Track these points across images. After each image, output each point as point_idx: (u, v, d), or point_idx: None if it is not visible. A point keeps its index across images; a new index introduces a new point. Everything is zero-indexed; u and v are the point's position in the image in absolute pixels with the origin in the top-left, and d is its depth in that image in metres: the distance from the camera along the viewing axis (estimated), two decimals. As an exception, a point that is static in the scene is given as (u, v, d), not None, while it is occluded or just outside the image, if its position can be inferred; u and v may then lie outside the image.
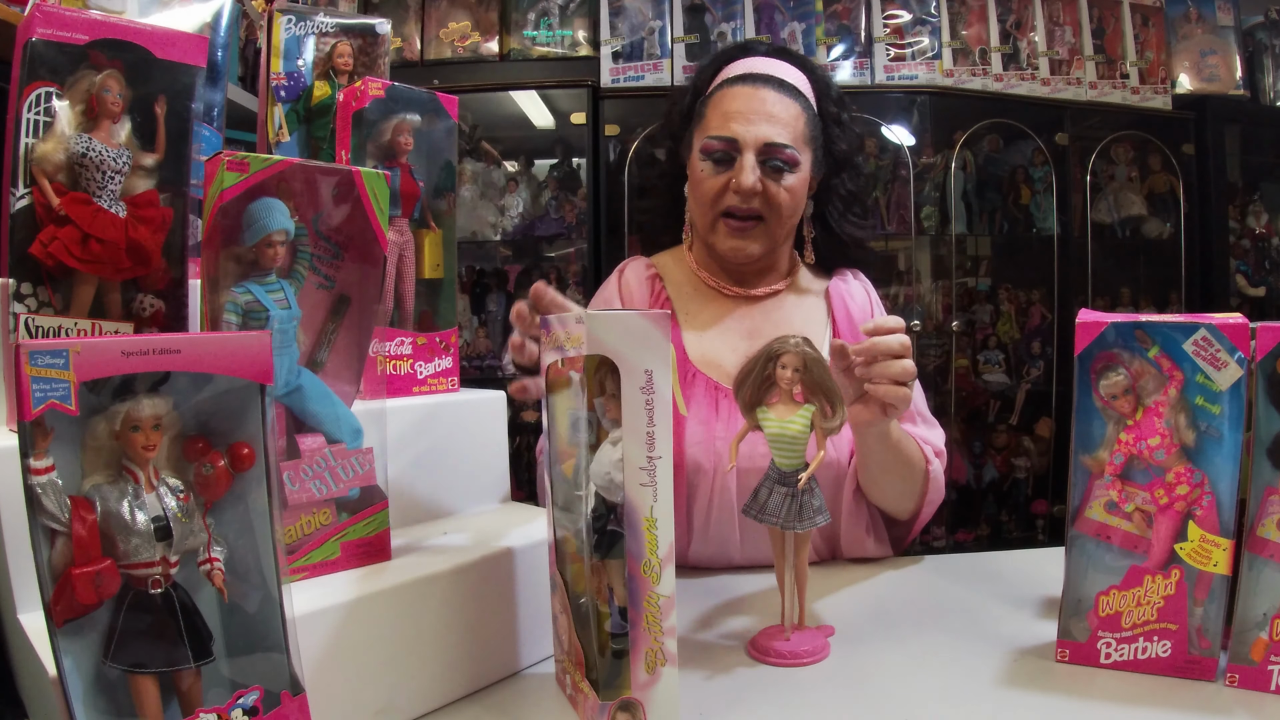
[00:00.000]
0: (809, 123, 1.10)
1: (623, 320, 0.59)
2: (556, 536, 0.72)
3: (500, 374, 2.53)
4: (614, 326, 0.59)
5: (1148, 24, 2.71)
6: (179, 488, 0.53)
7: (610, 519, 0.65)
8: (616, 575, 0.65)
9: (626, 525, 0.61)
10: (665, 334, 0.60)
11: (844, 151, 1.16)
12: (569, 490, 0.69)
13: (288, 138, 1.01)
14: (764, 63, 1.12)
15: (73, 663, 0.49)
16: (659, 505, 0.61)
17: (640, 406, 0.60)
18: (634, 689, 0.62)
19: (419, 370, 0.88)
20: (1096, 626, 0.74)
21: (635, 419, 0.60)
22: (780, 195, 1.06)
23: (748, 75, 1.10)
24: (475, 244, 2.59)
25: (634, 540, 0.61)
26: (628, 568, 0.61)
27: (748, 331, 1.13)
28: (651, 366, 0.60)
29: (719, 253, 1.11)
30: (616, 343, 0.59)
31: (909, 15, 2.57)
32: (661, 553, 0.61)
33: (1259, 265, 2.77)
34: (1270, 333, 0.69)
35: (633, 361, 0.59)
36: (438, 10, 2.65)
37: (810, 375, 0.75)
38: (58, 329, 0.68)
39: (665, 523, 0.61)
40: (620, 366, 0.59)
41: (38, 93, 0.67)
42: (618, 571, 0.64)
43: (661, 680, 0.62)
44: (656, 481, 0.60)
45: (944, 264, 2.57)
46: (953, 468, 2.51)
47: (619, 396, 0.60)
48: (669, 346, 0.61)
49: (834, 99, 1.16)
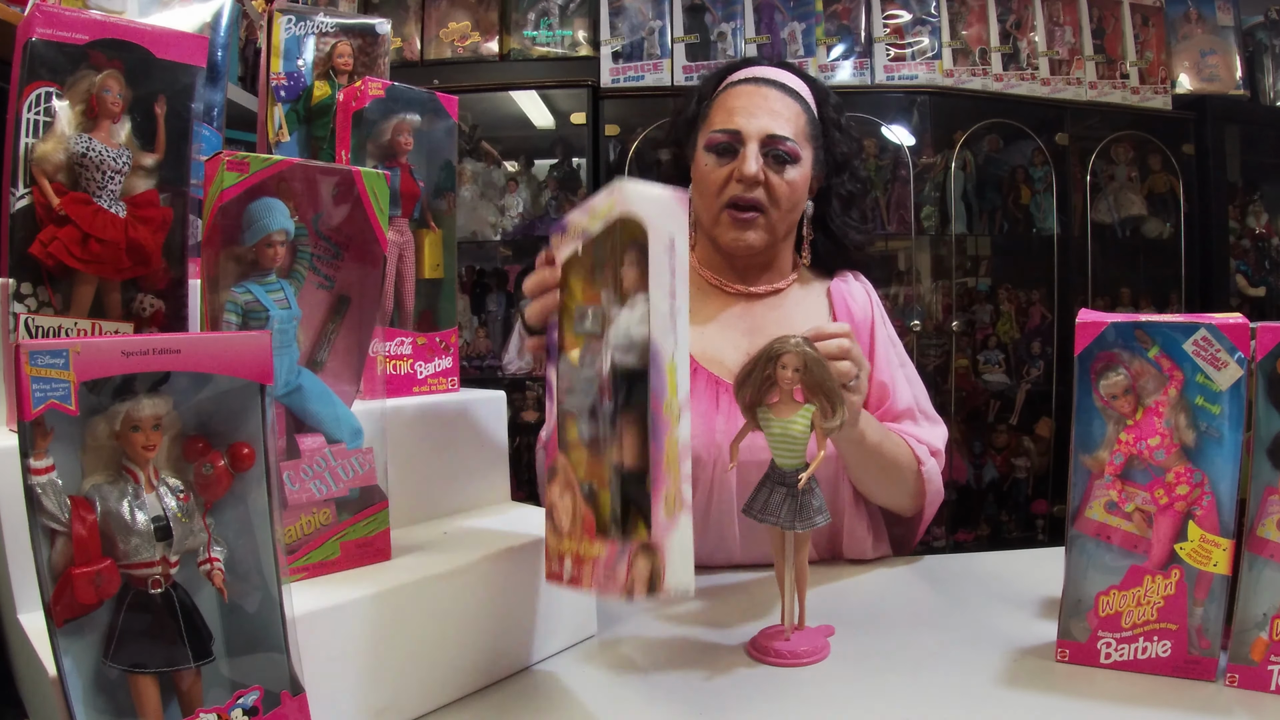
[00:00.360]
0: (809, 122, 1.13)
1: (651, 189, 0.66)
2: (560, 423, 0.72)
3: (500, 374, 2.53)
4: (645, 194, 0.65)
5: (1148, 24, 2.71)
6: (179, 488, 0.53)
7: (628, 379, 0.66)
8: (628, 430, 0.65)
9: (652, 366, 0.63)
10: (685, 209, 0.67)
11: (844, 154, 1.18)
12: (574, 374, 0.71)
13: (288, 138, 1.01)
14: (766, 69, 1.16)
15: (73, 663, 0.49)
16: (679, 352, 0.65)
17: (665, 264, 0.65)
18: (654, 531, 0.61)
19: (419, 370, 0.88)
20: (1096, 626, 0.74)
21: (660, 273, 0.64)
22: (781, 186, 1.08)
23: (751, 78, 1.14)
24: (475, 244, 2.59)
25: (657, 378, 0.63)
26: (650, 407, 0.63)
27: (749, 329, 1.14)
28: (674, 234, 0.65)
29: (722, 245, 1.12)
30: (645, 208, 0.64)
31: (909, 15, 2.57)
32: (680, 396, 0.64)
33: (1259, 265, 2.77)
34: (1270, 333, 0.69)
35: (659, 226, 0.64)
36: (438, 10, 2.65)
37: (811, 375, 0.75)
38: (58, 329, 0.68)
39: (683, 371, 0.65)
40: (649, 228, 0.64)
41: (38, 93, 0.67)
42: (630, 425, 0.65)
43: (679, 526, 0.62)
44: (677, 329, 0.65)
45: (944, 264, 2.57)
46: (953, 468, 2.51)
47: (638, 266, 0.64)
48: (687, 222, 0.66)
49: (833, 105, 1.20)
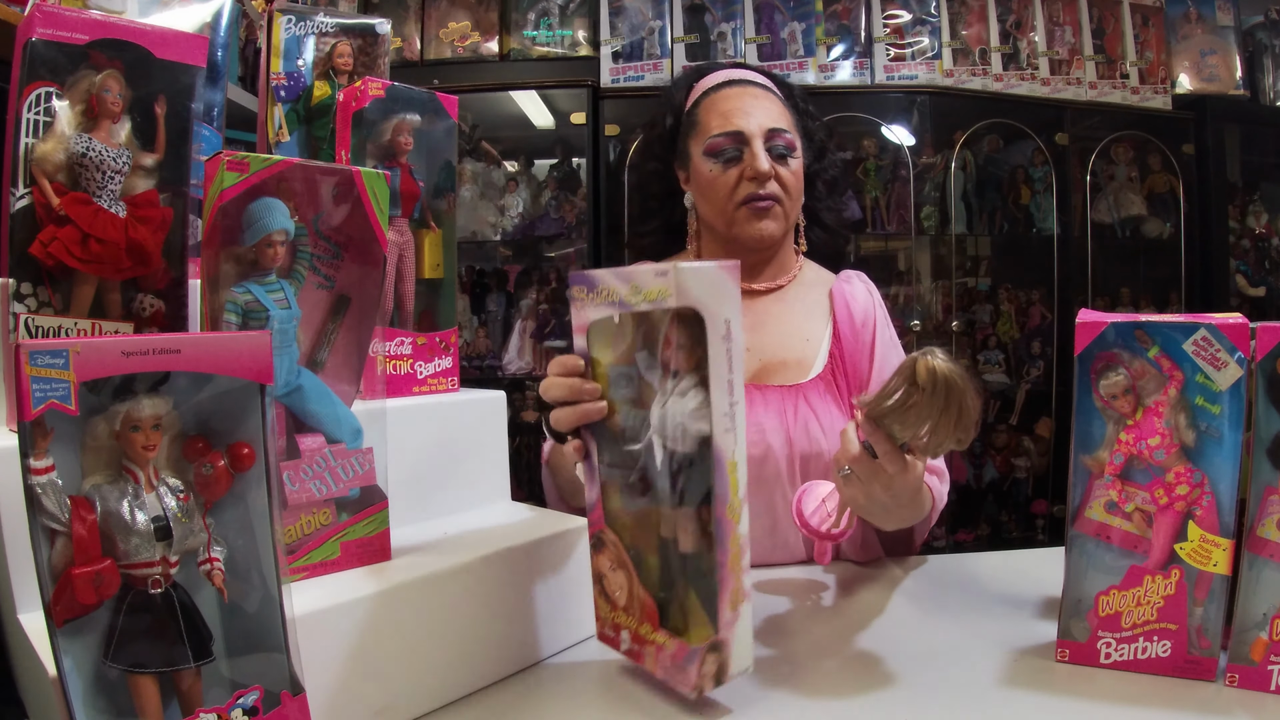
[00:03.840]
0: (793, 113, 1.16)
1: (707, 272, 0.61)
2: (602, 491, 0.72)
3: (500, 374, 2.53)
4: (700, 278, 0.61)
5: (1148, 24, 2.71)
6: (179, 488, 0.53)
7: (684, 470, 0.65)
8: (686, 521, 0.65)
9: (715, 470, 0.62)
10: (737, 285, 0.63)
11: (821, 141, 1.22)
12: (615, 446, 0.70)
13: (288, 138, 1.01)
14: (737, 71, 1.19)
15: (73, 663, 0.49)
16: (739, 449, 0.63)
17: (723, 355, 0.61)
18: (720, 629, 0.63)
19: (419, 370, 0.88)
20: (1096, 626, 0.74)
21: (719, 367, 0.61)
22: (789, 178, 1.11)
23: (728, 81, 1.16)
24: (475, 244, 2.59)
25: (720, 484, 0.62)
26: (715, 511, 0.62)
27: (751, 324, 1.14)
28: (729, 316, 0.62)
29: (744, 238, 1.12)
30: (702, 293, 0.61)
31: (909, 15, 2.57)
32: (741, 494, 0.63)
33: (1259, 265, 2.77)
34: (1270, 333, 0.69)
35: (714, 311, 0.61)
36: (438, 10, 2.65)
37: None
38: (58, 329, 0.68)
39: (743, 466, 0.64)
40: (706, 317, 0.61)
41: (38, 93, 0.67)
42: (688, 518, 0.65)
43: (741, 617, 0.64)
44: (736, 426, 0.63)
45: (944, 264, 2.57)
46: (953, 468, 2.50)
47: (687, 347, 0.62)
48: (739, 298, 0.63)
49: (799, 95, 1.23)
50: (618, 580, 0.71)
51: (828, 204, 1.24)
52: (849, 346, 1.13)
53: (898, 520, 0.91)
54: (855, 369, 1.12)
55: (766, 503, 1.06)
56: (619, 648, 0.73)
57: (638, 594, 0.69)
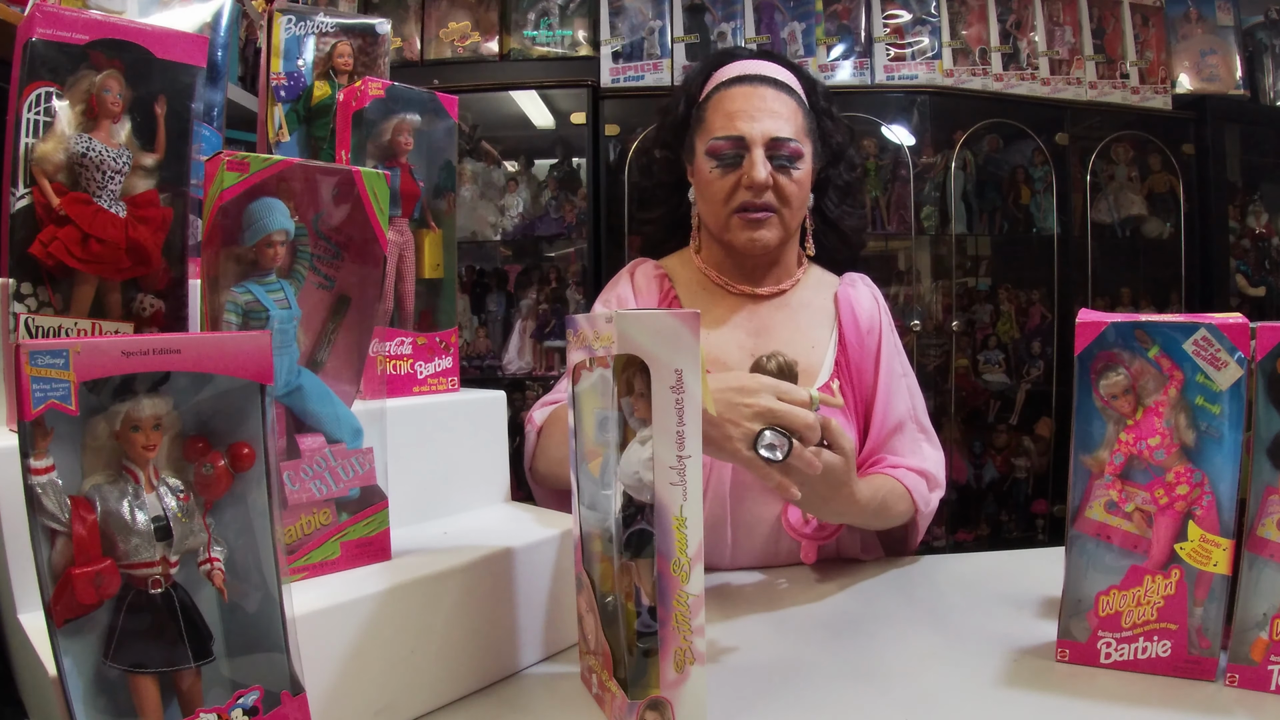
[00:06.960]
0: (806, 116, 1.12)
1: (654, 319, 0.59)
2: (583, 534, 0.72)
3: (500, 374, 2.53)
4: (645, 326, 0.59)
5: (1148, 24, 2.71)
6: (179, 488, 0.53)
7: (639, 518, 0.64)
8: (645, 574, 0.65)
9: (656, 524, 0.60)
10: (695, 334, 0.60)
11: (839, 143, 1.19)
12: (595, 489, 0.69)
13: (288, 138, 1.01)
14: (755, 64, 1.14)
15: (73, 663, 0.49)
16: (689, 504, 0.60)
17: (670, 406, 0.59)
18: (663, 688, 0.62)
19: (419, 370, 0.88)
20: (1096, 626, 0.74)
21: (665, 418, 0.59)
22: (790, 188, 1.08)
23: (743, 76, 1.11)
24: (475, 244, 2.59)
25: (664, 539, 0.61)
26: (657, 567, 0.61)
27: (755, 329, 1.14)
28: (682, 366, 0.59)
29: (737, 246, 1.11)
30: (647, 342, 0.59)
31: (909, 15, 2.57)
32: (691, 551, 0.61)
33: (1259, 265, 2.77)
34: (1270, 333, 0.69)
35: (663, 361, 0.59)
36: (438, 10, 2.65)
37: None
38: (58, 329, 0.68)
39: (695, 522, 0.61)
40: (650, 365, 0.59)
41: (38, 93, 0.66)
42: (646, 570, 0.64)
43: (690, 679, 0.62)
44: (686, 481, 0.60)
45: (944, 264, 2.57)
46: (953, 468, 2.51)
47: (648, 395, 0.60)
48: (699, 346, 0.60)
49: (822, 94, 1.19)
50: (589, 624, 0.71)
51: (842, 209, 1.20)
52: (854, 354, 1.12)
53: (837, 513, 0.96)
54: (860, 376, 1.12)
55: (770, 512, 1.05)
56: (590, 690, 0.72)
57: (600, 640, 0.68)
